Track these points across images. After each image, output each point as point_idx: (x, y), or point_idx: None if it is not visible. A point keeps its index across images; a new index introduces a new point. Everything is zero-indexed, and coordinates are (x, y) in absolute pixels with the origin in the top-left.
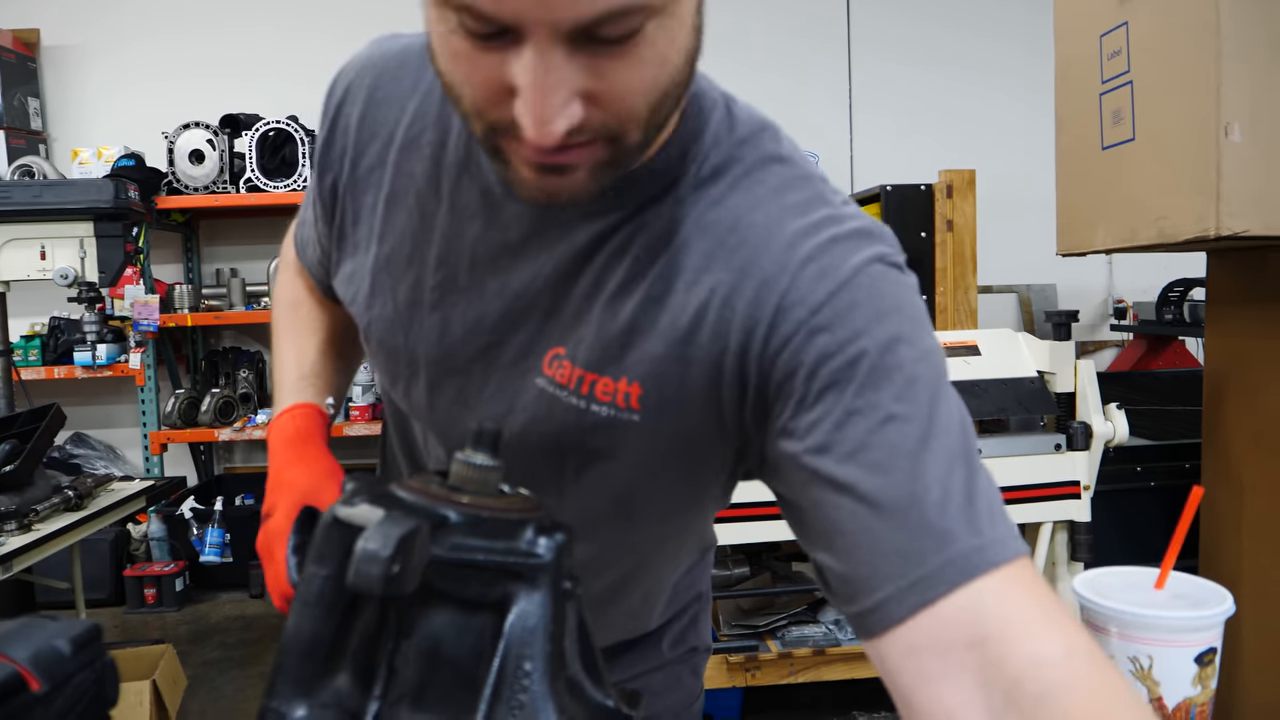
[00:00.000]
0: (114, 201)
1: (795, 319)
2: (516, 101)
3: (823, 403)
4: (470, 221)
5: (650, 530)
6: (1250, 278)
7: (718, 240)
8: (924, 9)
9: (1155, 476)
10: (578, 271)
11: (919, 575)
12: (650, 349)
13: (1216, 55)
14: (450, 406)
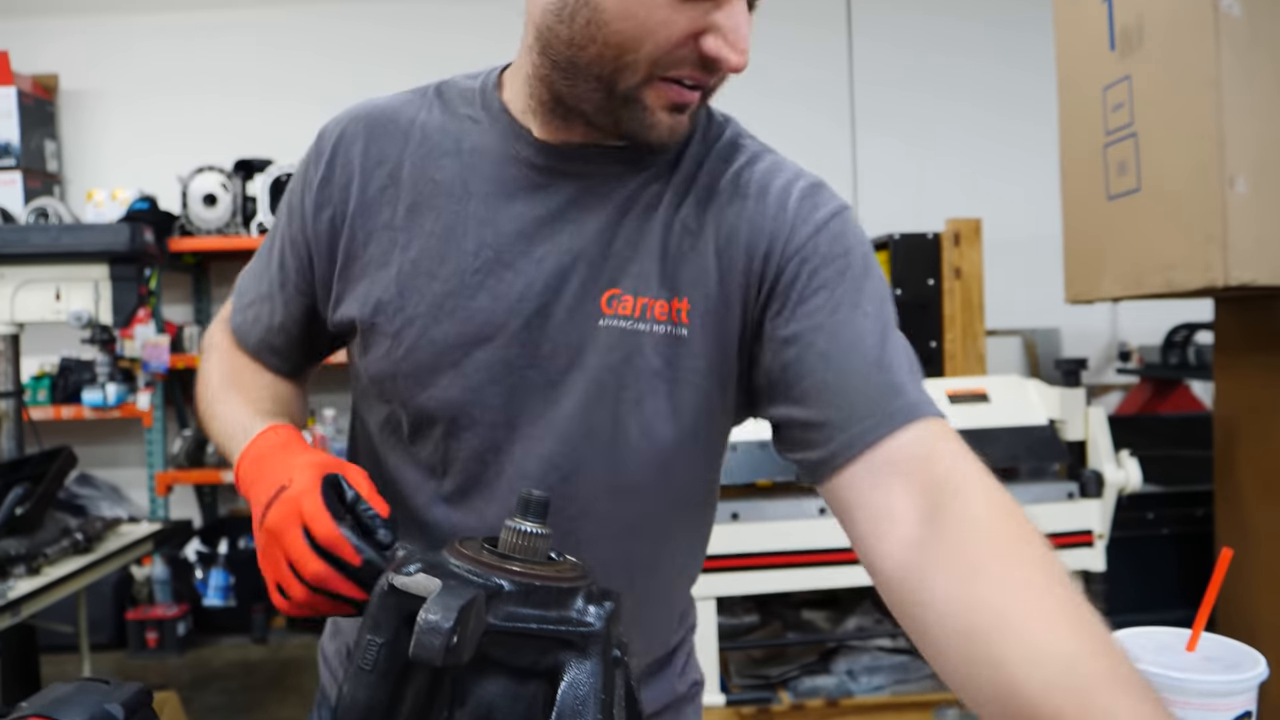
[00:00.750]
0: (130, 245)
1: (805, 234)
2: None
3: (818, 296)
4: (509, 202)
5: (685, 479)
6: (1258, 325)
7: (731, 184)
8: (925, 41)
9: (1167, 524)
10: (617, 223)
11: (886, 412)
12: (693, 268)
13: (1219, 109)
14: (508, 376)
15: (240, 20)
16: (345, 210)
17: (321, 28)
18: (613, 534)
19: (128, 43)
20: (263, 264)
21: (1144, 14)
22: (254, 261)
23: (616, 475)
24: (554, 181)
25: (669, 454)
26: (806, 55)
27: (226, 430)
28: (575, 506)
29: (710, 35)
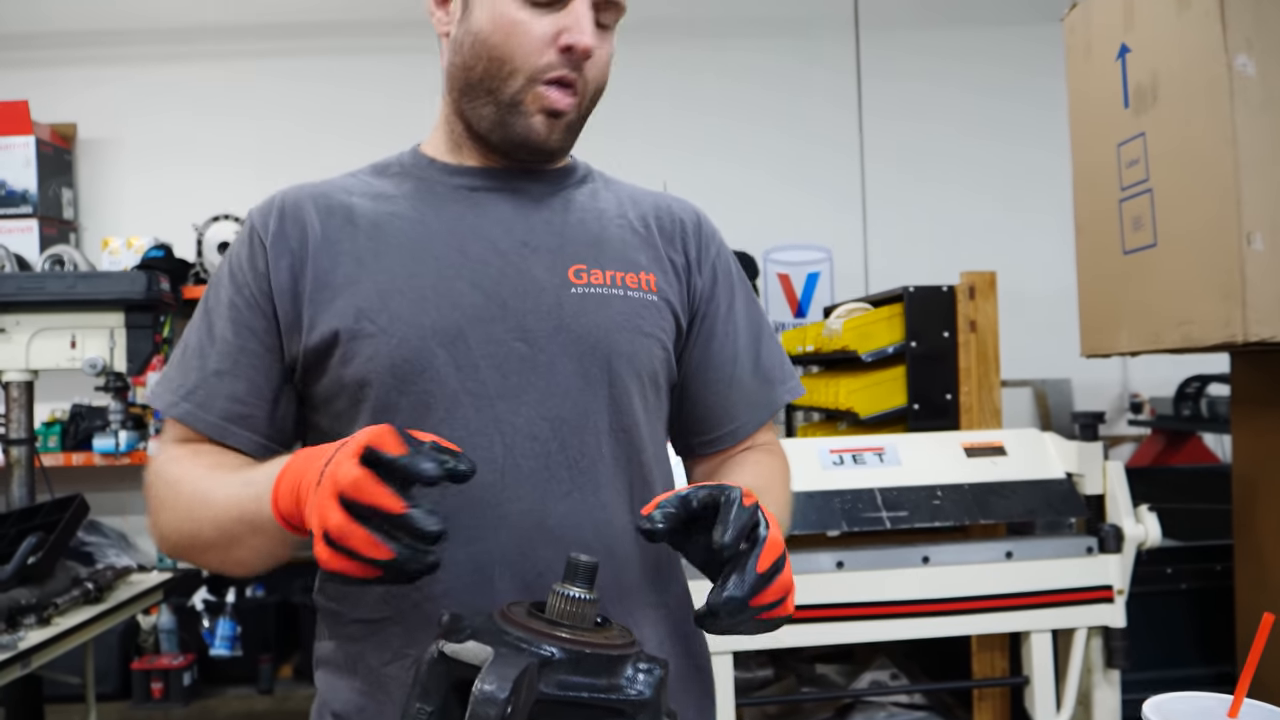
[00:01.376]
0: (146, 293)
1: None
2: (565, 34)
3: (718, 302)
4: (463, 214)
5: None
6: (1276, 379)
7: (633, 200)
8: (933, 114)
9: (1186, 579)
10: (563, 221)
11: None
12: (648, 255)
13: (1235, 166)
14: (499, 350)
15: (257, 74)
16: (305, 251)
17: (340, 80)
18: (617, 474)
19: (145, 94)
20: (198, 351)
21: (1158, 72)
22: (180, 358)
23: (618, 419)
24: (492, 196)
25: (656, 409)
26: (818, 134)
27: (239, 481)
28: (586, 458)
29: (564, 33)
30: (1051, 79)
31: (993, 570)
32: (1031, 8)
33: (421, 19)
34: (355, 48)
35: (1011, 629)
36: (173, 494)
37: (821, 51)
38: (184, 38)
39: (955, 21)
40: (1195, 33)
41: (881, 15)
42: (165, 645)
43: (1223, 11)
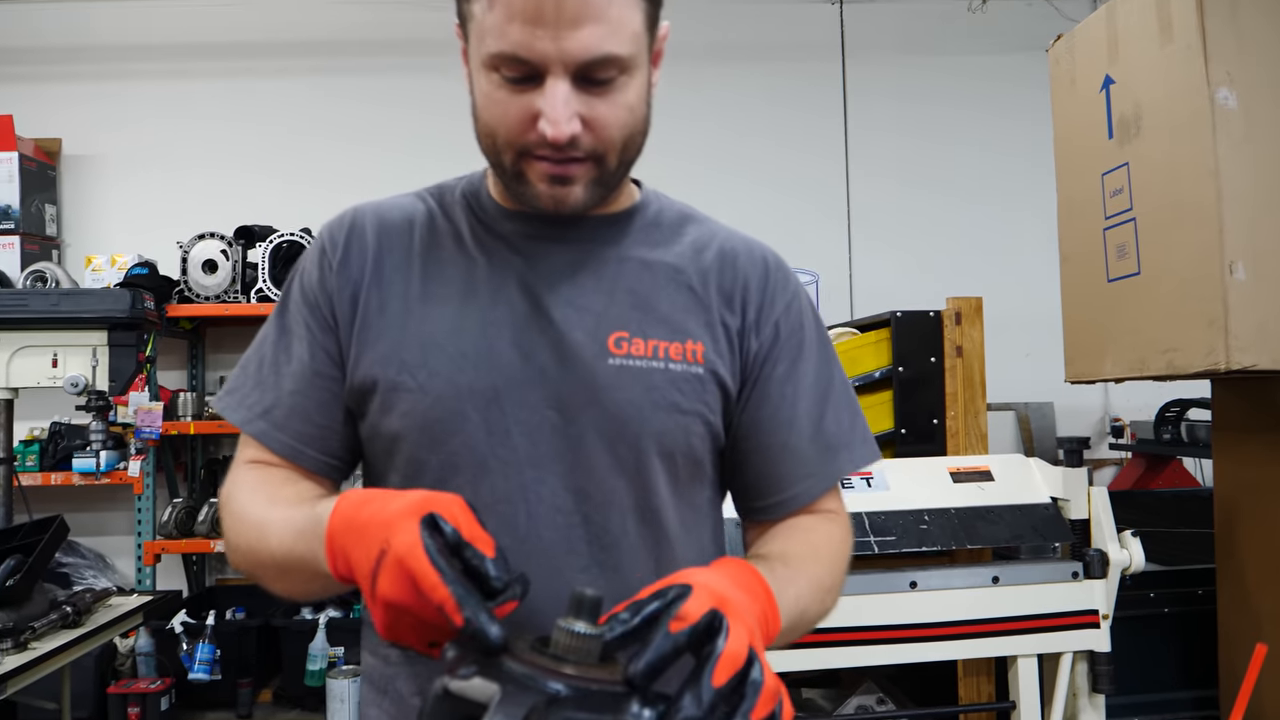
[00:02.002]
0: (130, 311)
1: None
2: (540, 121)
3: (780, 366)
4: (511, 267)
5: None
6: (1257, 405)
7: (718, 254)
8: (922, 129)
9: (1168, 603)
10: (615, 278)
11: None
12: (699, 319)
13: (1218, 197)
14: (531, 418)
15: (242, 89)
16: (362, 283)
17: (325, 100)
18: (642, 554)
19: (131, 110)
20: (274, 367)
21: (1141, 103)
22: (256, 372)
23: (644, 500)
24: (546, 246)
25: (689, 484)
26: (804, 143)
27: (291, 529)
28: (609, 535)
29: (540, 117)
30: (1036, 106)
31: (979, 595)
32: (1016, 36)
33: (421, 38)
34: (341, 67)
35: (998, 654)
36: (239, 524)
37: (808, 78)
38: (170, 55)
39: (940, 50)
40: (1178, 66)
41: (867, 41)
42: (143, 669)
43: (1205, 46)
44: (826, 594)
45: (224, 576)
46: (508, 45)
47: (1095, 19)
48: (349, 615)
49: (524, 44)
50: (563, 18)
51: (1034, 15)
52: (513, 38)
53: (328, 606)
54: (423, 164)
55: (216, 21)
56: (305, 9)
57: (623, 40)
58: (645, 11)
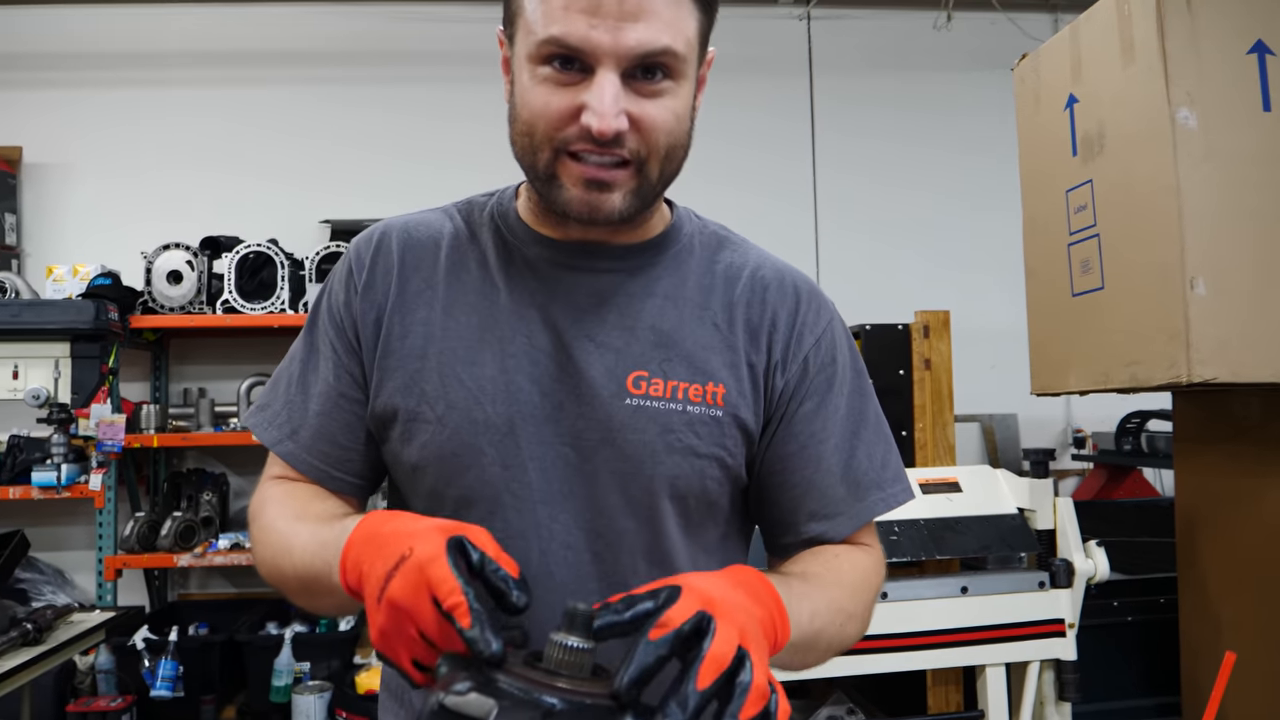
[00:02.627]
0: (94, 322)
1: (810, 341)
2: (585, 113)
3: (809, 402)
4: (535, 296)
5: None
6: (1216, 417)
7: (748, 284)
8: (889, 142)
9: (1131, 611)
10: (638, 314)
11: (851, 515)
12: (723, 358)
13: (1179, 215)
14: (546, 454)
15: (207, 98)
16: (385, 306)
17: (291, 108)
18: None
19: (94, 118)
20: (301, 387)
21: (1104, 122)
22: (285, 391)
23: (655, 541)
24: (571, 276)
25: (701, 524)
26: (772, 144)
27: (315, 542)
28: (619, 575)
29: (585, 110)
30: (1001, 122)
31: (948, 605)
32: (981, 53)
33: (393, 49)
34: (310, 76)
35: (967, 663)
36: (264, 537)
37: (776, 92)
38: (134, 63)
39: (907, 65)
40: (1140, 86)
41: (833, 59)
42: (103, 686)
43: (1166, 67)
44: (848, 620)
45: (186, 591)
46: (559, 31)
47: (1059, 39)
48: (314, 630)
49: (579, 33)
50: (624, 11)
51: (997, 33)
52: (567, 25)
53: (293, 621)
54: (395, 173)
55: (182, 29)
56: (274, 18)
57: (678, 39)
58: (700, 23)
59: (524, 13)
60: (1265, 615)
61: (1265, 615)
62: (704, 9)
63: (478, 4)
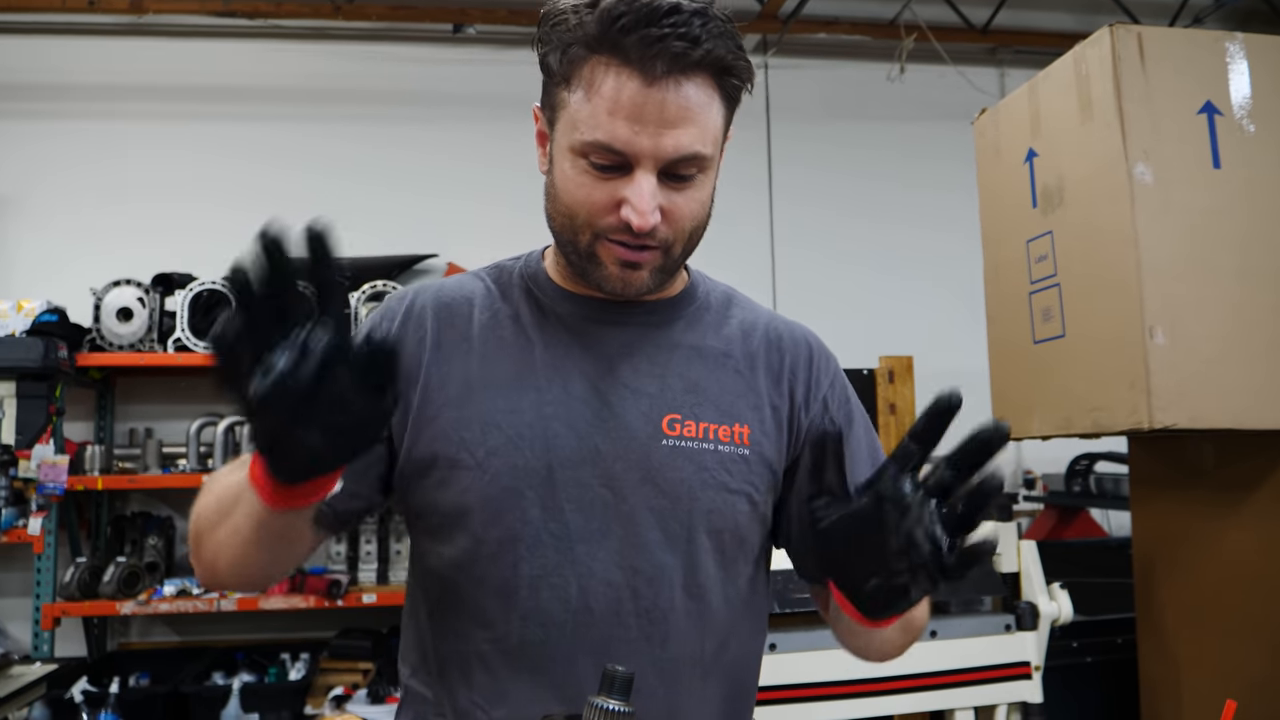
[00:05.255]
0: (43, 361)
1: (825, 385)
2: (624, 208)
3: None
4: (569, 349)
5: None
6: (1171, 462)
7: (763, 337)
8: (845, 187)
9: (1091, 652)
10: (667, 362)
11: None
12: (748, 402)
13: (1137, 266)
14: (584, 495)
15: (161, 133)
16: (420, 359)
17: (248, 144)
18: (686, 631)
19: (40, 151)
20: None
21: (1064, 176)
22: None
23: (691, 575)
24: (601, 329)
25: (734, 559)
26: (726, 196)
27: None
28: (658, 609)
29: (624, 205)
30: (955, 170)
31: (918, 649)
32: (933, 104)
33: (350, 88)
34: (266, 114)
35: (936, 707)
36: (206, 482)
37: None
38: (83, 95)
39: (862, 114)
40: (1098, 142)
41: (790, 103)
42: None
43: (1123, 125)
44: (921, 615)
45: (127, 640)
46: (605, 136)
47: (1018, 96)
48: (263, 680)
49: (624, 139)
50: (663, 119)
51: (947, 85)
52: (613, 131)
53: (241, 671)
54: (354, 209)
55: (136, 63)
56: (231, 54)
57: (707, 142)
58: (725, 116)
59: (567, 106)
60: (1223, 655)
61: (1223, 655)
62: (729, 104)
63: (439, 45)
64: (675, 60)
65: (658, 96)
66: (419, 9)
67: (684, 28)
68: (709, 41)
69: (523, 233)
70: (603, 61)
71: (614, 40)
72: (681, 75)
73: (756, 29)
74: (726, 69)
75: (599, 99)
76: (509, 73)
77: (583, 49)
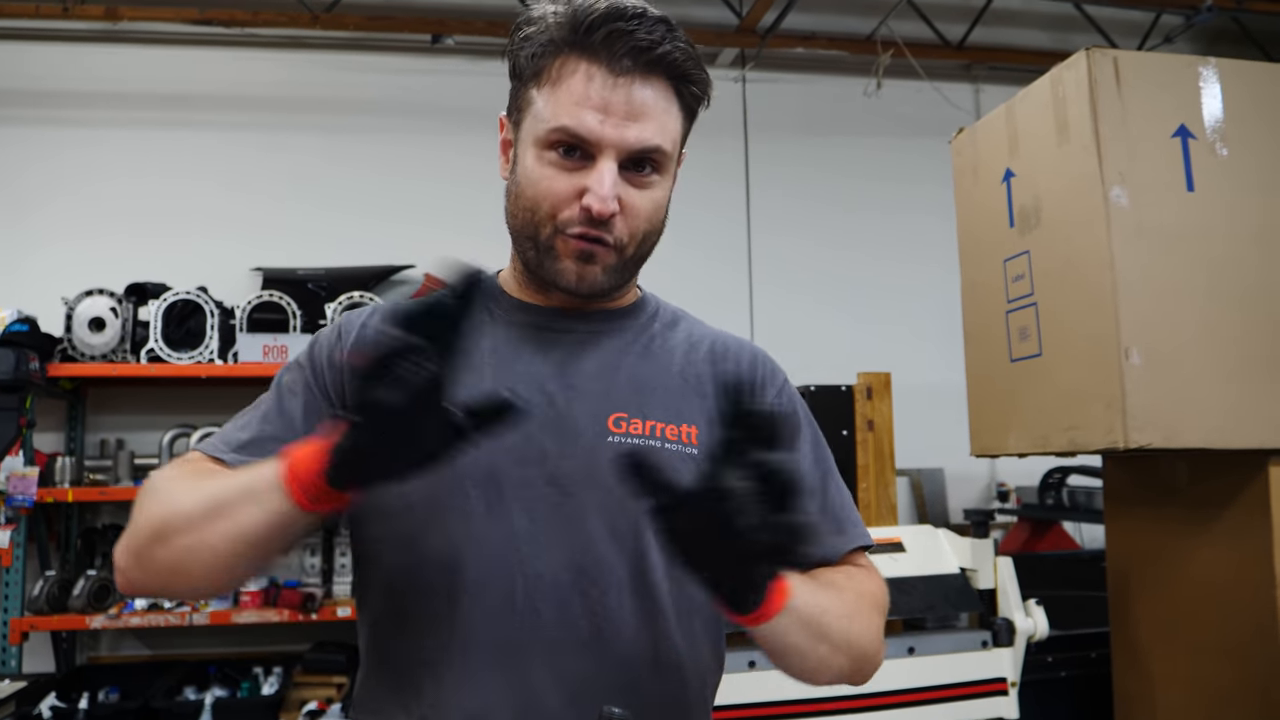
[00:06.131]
0: (14, 373)
1: (770, 395)
2: (585, 196)
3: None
4: (517, 356)
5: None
6: (1144, 480)
7: (709, 348)
8: (822, 200)
9: (1065, 667)
10: (616, 366)
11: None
12: (694, 405)
13: (1113, 287)
14: (531, 495)
15: (135, 139)
16: None
17: (224, 153)
18: (636, 631)
19: (9, 155)
20: (260, 414)
21: (1040, 197)
22: (249, 418)
23: (640, 573)
24: (552, 335)
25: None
26: (707, 206)
27: (233, 476)
28: (606, 609)
29: (586, 193)
30: (932, 185)
31: (896, 666)
32: (909, 120)
33: (328, 97)
34: (241, 121)
35: None
36: (162, 485)
37: (712, 152)
38: (55, 101)
39: (839, 129)
40: (1074, 164)
41: (768, 116)
42: None
43: (1099, 148)
44: (854, 616)
45: (96, 654)
46: (572, 123)
47: (996, 116)
48: (235, 695)
49: (589, 127)
50: (629, 112)
51: (923, 101)
52: (579, 119)
53: (213, 685)
54: (329, 222)
55: (109, 71)
56: (207, 62)
57: (667, 140)
58: (683, 126)
59: (534, 104)
60: (1196, 671)
61: (1196, 671)
62: (687, 115)
63: (417, 56)
64: (639, 54)
65: (623, 90)
66: (397, 19)
67: (648, 30)
68: (669, 44)
69: (500, 244)
70: (571, 58)
71: (581, 38)
72: (645, 73)
73: (735, 43)
74: (685, 75)
75: (566, 92)
76: (487, 84)
77: (551, 48)
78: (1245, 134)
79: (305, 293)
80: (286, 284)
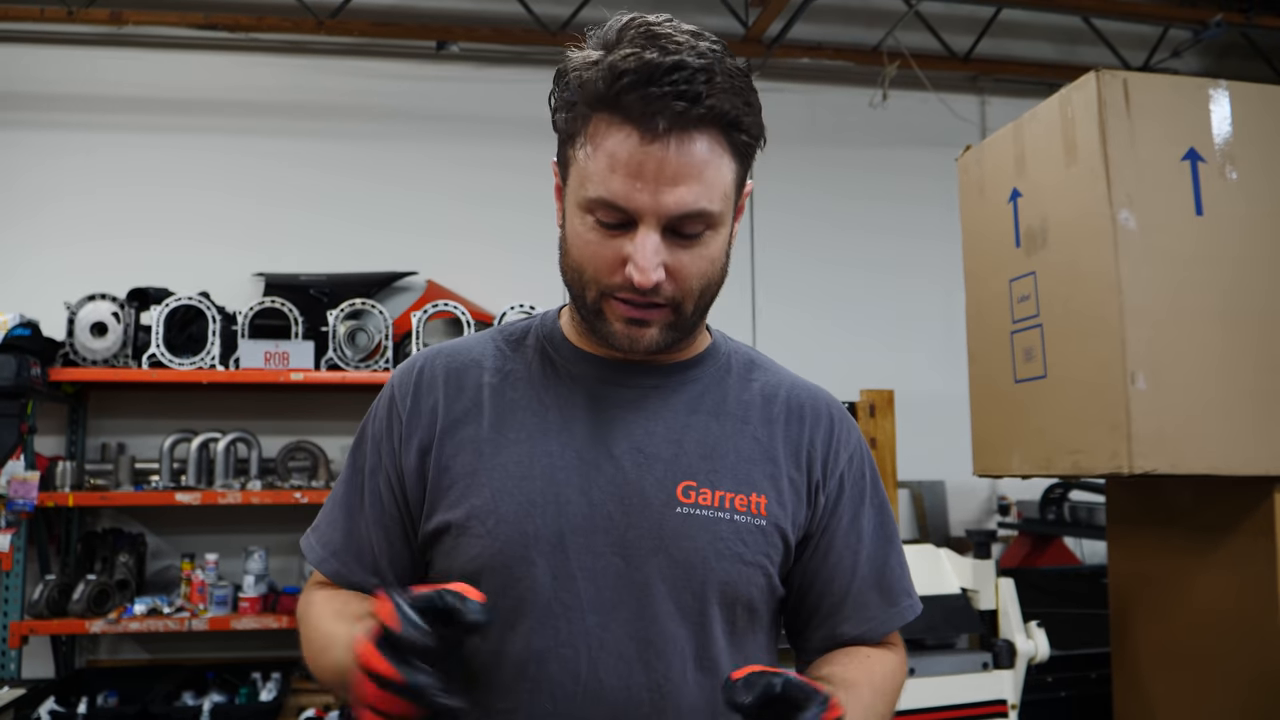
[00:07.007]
0: (15, 379)
1: (844, 459)
2: (628, 265)
3: (844, 513)
4: (582, 411)
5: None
6: (1148, 503)
7: (784, 405)
8: (826, 214)
9: (1065, 687)
10: (684, 426)
11: (880, 621)
12: (764, 472)
13: (1120, 311)
14: (596, 563)
15: (139, 144)
16: (433, 433)
17: (226, 159)
18: (696, 702)
19: (13, 159)
20: (345, 510)
21: (1048, 217)
22: (333, 509)
23: (703, 646)
24: (617, 391)
25: (744, 631)
26: None
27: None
28: (670, 683)
29: (628, 263)
30: (935, 196)
31: None
32: (914, 130)
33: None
34: (242, 127)
35: None
36: (307, 637)
37: None
38: (60, 106)
39: (845, 140)
40: (1082, 186)
41: (773, 126)
42: None
43: (1107, 171)
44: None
45: (95, 658)
46: (607, 193)
47: (1003, 135)
48: (233, 700)
49: (623, 195)
50: (663, 175)
51: (929, 111)
52: (613, 187)
53: (211, 690)
54: (332, 228)
55: (113, 75)
56: (211, 68)
57: (714, 199)
58: (736, 173)
59: (576, 162)
60: (1197, 695)
61: (1197, 695)
62: (740, 158)
63: (422, 62)
64: (676, 118)
65: (658, 153)
66: (402, 25)
67: (685, 85)
68: (713, 98)
69: (502, 252)
70: (605, 119)
71: (615, 98)
72: (683, 132)
73: (741, 52)
74: (734, 124)
75: (601, 155)
76: (491, 91)
77: (586, 107)
78: (1255, 157)
79: (307, 299)
80: (288, 290)
